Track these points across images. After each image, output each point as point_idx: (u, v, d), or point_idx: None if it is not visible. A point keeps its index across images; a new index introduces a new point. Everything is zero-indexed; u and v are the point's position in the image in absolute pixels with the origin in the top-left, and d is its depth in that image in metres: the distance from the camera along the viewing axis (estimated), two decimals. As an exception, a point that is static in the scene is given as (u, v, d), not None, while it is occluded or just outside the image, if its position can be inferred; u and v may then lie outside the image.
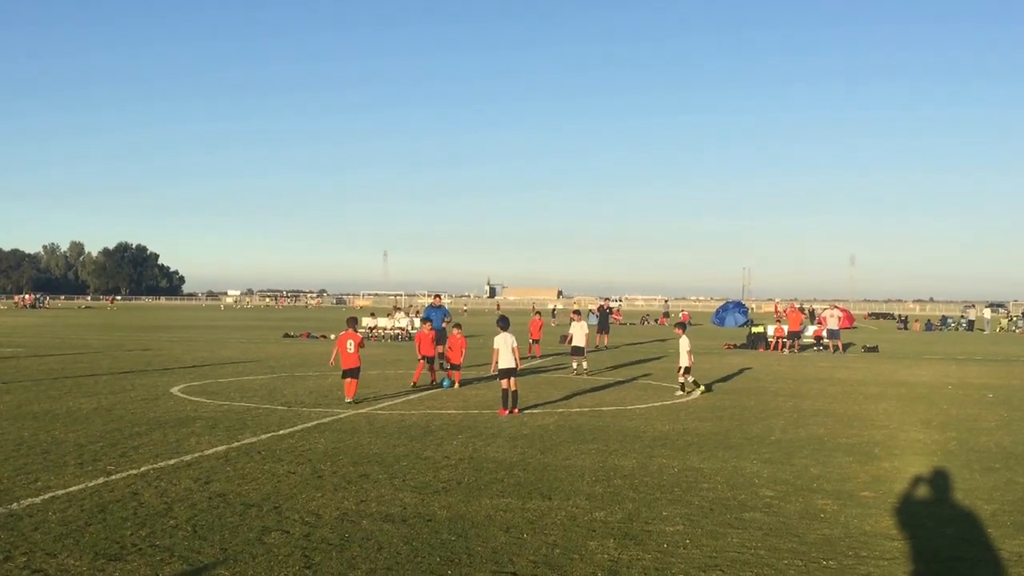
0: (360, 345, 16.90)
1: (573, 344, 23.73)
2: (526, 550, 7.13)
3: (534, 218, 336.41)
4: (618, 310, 79.24)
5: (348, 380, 16.58)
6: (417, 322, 33.00)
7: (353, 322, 18.08)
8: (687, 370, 18.64)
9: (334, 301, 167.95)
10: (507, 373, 15.39)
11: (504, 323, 16.12)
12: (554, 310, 78.45)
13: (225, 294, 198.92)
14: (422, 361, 20.18)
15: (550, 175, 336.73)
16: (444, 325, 22.03)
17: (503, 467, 10.50)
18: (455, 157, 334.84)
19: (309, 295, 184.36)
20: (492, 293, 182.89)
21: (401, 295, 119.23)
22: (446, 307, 24.72)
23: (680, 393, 18.43)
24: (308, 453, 11.26)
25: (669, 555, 7.04)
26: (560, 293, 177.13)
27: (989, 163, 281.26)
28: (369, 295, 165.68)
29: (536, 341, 30.61)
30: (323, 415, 14.72)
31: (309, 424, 13.69)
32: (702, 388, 18.85)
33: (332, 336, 41.68)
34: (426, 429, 13.32)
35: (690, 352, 18.77)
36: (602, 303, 47.31)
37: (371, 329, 41.70)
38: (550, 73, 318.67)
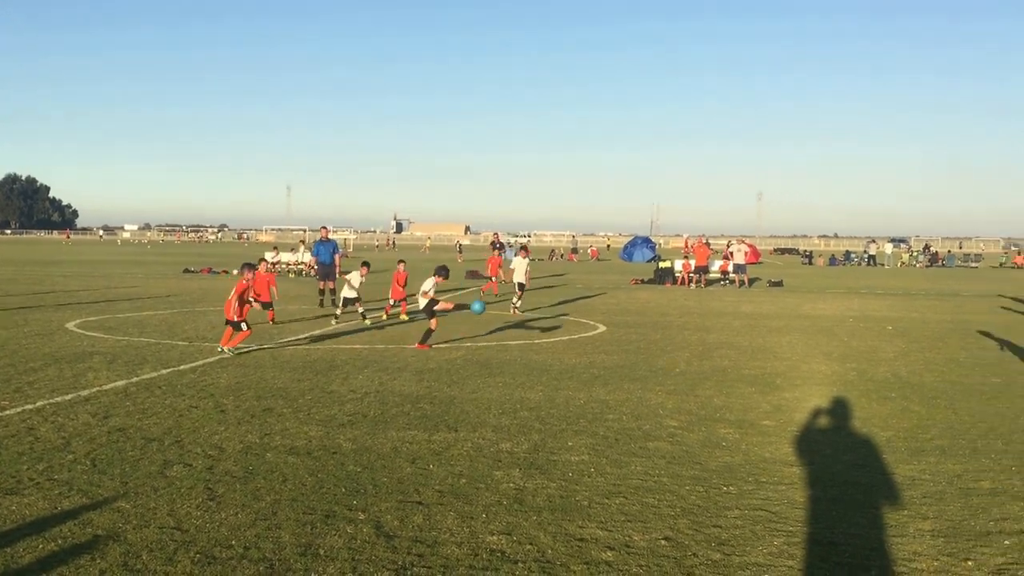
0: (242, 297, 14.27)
1: (516, 280, 22.88)
2: (432, 480, 7.08)
3: (441, 152, 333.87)
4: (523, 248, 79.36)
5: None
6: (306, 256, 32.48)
7: (248, 267, 15.18)
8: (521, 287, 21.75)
9: (235, 236, 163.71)
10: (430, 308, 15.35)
11: (443, 272, 16.17)
12: (460, 246, 78.25)
13: (122, 229, 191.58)
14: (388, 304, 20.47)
15: (455, 108, 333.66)
16: (338, 259, 21.90)
17: (409, 400, 10.41)
18: (360, 88, 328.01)
19: (210, 230, 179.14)
20: (399, 228, 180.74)
21: (305, 230, 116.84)
22: (336, 241, 24.18)
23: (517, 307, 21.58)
24: (210, 388, 10.95)
25: (574, 483, 7.08)
26: (468, 229, 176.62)
27: (891, 102, 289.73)
28: (272, 230, 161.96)
29: (492, 279, 29.33)
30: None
31: (211, 359, 13.31)
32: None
33: (234, 272, 40.85)
34: (331, 364, 13.10)
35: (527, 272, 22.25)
36: (493, 238, 46.75)
37: (274, 264, 41.19)
38: (463, 5, 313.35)
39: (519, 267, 22.83)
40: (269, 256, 42.83)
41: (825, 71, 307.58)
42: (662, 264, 40.59)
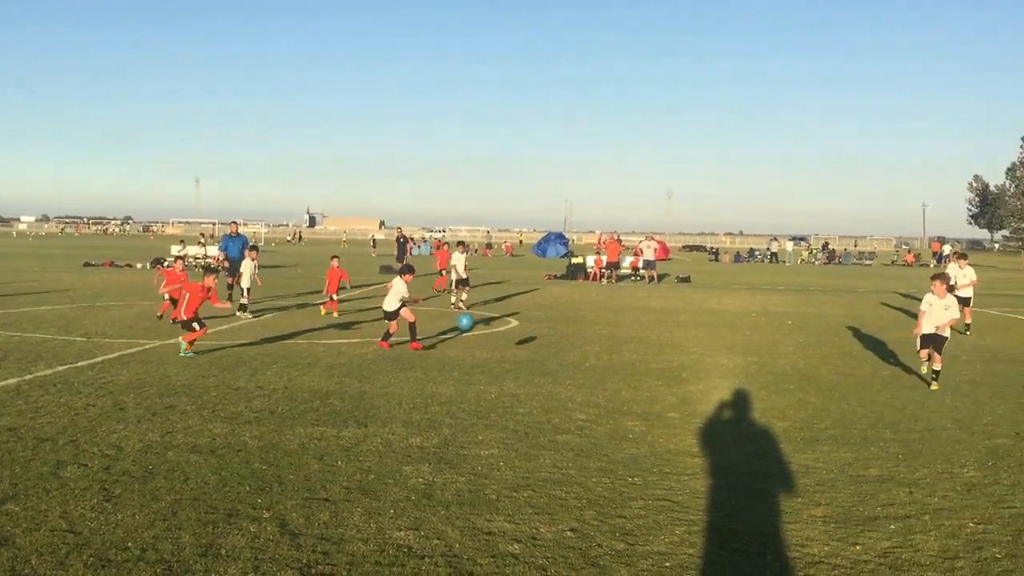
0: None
1: (459, 276, 22.64)
2: (340, 477, 7.03)
3: (357, 147, 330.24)
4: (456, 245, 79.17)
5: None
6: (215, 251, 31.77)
7: (210, 272, 14.88)
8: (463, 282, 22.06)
9: (141, 229, 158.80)
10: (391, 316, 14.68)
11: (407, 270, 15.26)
12: (374, 240, 77.71)
13: (18, 220, 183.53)
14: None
15: (371, 104, 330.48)
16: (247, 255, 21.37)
17: (318, 396, 10.30)
18: (273, 83, 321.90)
19: (113, 222, 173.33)
20: (312, 222, 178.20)
21: (215, 223, 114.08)
22: (245, 236, 23.71)
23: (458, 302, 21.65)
24: (109, 385, 10.62)
25: (483, 477, 7.13)
26: (383, 223, 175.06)
27: (787, 107, 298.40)
28: (180, 223, 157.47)
29: (443, 272, 28.24)
30: (127, 346, 13.91)
31: (111, 356, 12.90)
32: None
33: (138, 265, 39.75)
34: (239, 359, 12.86)
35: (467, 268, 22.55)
36: (399, 230, 46.21)
37: (179, 258, 40.47)
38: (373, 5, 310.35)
39: (459, 263, 22.81)
40: (175, 250, 42.10)
41: (728, 74, 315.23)
42: (574, 260, 41.03)
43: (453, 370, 12.34)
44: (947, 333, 11.77)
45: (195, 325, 13.26)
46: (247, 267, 19.11)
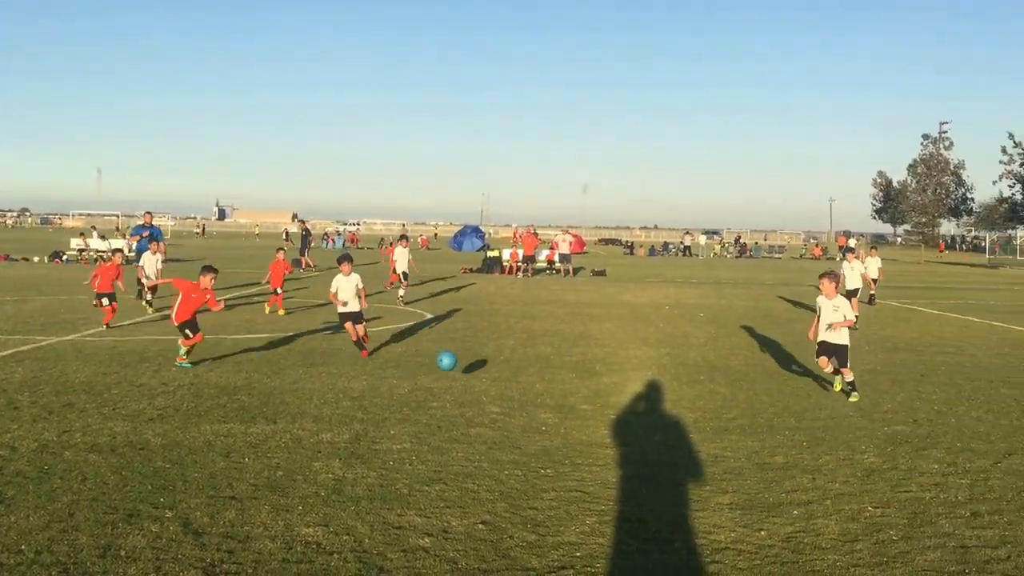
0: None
1: (400, 270, 22.22)
2: (247, 474, 6.87)
3: (268, 139, 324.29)
4: (354, 236, 78.39)
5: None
6: (134, 245, 30.54)
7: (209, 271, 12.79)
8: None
9: (40, 221, 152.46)
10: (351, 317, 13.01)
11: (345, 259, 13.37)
12: (287, 233, 76.49)
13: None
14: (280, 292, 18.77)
15: (284, 95, 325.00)
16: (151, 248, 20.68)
17: (226, 392, 10.05)
18: (180, 74, 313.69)
19: (9, 214, 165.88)
20: (221, 215, 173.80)
21: (119, 215, 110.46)
22: (159, 228, 23.02)
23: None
24: (3, 383, 10.17)
25: (394, 471, 7.06)
26: (295, 216, 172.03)
27: (708, 102, 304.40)
28: (80, 215, 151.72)
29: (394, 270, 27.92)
30: (21, 343, 13.35)
31: (5, 353, 12.36)
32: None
33: (35, 259, 38.43)
34: (142, 356, 12.46)
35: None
36: (302, 223, 45.19)
37: (81, 251, 39.53)
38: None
39: (401, 257, 22.54)
40: (75, 243, 40.83)
41: (646, 72, 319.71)
42: (491, 253, 40.99)
43: (365, 365, 12.20)
44: (844, 340, 10.73)
45: (187, 331, 11.71)
46: (148, 260, 18.50)
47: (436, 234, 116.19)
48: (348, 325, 12.95)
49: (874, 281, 23.61)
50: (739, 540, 5.70)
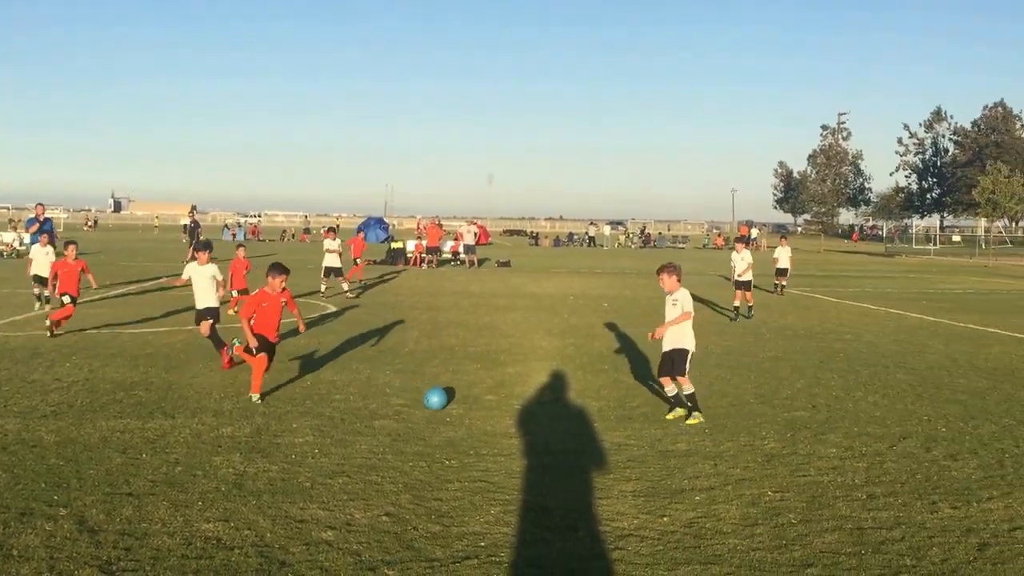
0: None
1: (329, 265, 21.82)
2: (144, 470, 6.69)
3: (166, 131, 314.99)
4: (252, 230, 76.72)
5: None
6: (27, 238, 29.17)
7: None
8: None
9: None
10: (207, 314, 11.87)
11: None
12: (186, 226, 74.41)
13: None
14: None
15: (180, 85, 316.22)
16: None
17: (123, 387, 9.75)
18: (69, 60, 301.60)
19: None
20: (117, 207, 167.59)
21: (9, 207, 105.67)
22: (52, 220, 22.05)
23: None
24: None
25: (296, 465, 6.98)
26: (194, 208, 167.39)
27: (612, 95, 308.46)
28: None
29: (357, 261, 26.21)
30: (-100, 336, 12.67)
31: None
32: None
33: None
34: (34, 351, 11.97)
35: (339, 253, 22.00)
36: (191, 214, 43.87)
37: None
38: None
39: (331, 248, 22.25)
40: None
41: (549, 65, 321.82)
42: (395, 245, 40.74)
43: (269, 357, 11.96)
44: (684, 343, 9.35)
45: (256, 350, 9.47)
46: (37, 253, 17.69)
47: (339, 225, 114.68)
48: (203, 325, 11.66)
49: (785, 271, 24.33)
50: (642, 527, 5.83)
